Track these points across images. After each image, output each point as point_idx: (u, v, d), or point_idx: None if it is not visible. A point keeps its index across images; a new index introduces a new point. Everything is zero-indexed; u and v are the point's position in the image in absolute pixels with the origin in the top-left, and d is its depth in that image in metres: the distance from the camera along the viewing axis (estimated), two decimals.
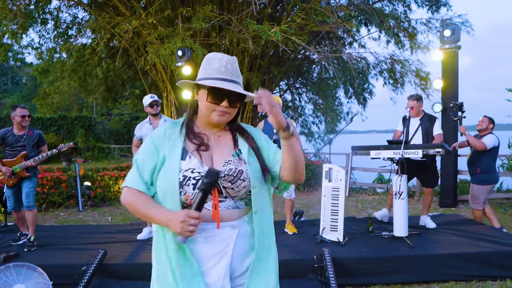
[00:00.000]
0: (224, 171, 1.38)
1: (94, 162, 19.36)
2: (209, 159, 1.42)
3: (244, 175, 1.40)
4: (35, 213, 4.43)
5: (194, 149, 1.42)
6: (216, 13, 9.06)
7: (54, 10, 11.92)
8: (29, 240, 4.27)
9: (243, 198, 1.41)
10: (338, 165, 4.53)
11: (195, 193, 1.32)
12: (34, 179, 4.44)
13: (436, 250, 3.80)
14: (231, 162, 1.42)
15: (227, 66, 1.42)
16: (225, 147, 1.47)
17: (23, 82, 41.75)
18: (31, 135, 4.43)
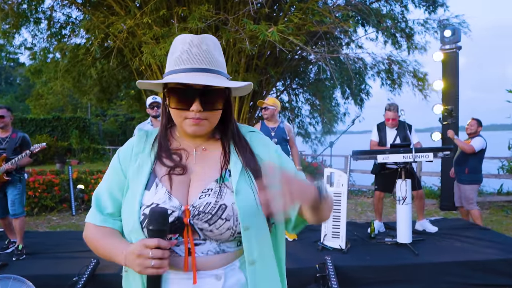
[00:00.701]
0: (198, 206, 0.98)
1: (88, 163, 19.15)
2: (183, 188, 1.01)
3: (228, 212, 0.97)
4: (23, 221, 4.25)
5: (165, 173, 1.03)
6: (213, 13, 8.92)
7: (47, 9, 11.73)
8: (17, 249, 4.09)
9: (230, 240, 1.00)
10: (336, 168, 4.41)
11: None
12: (19, 185, 4.22)
13: (441, 258, 3.67)
14: (211, 191, 1.00)
15: (190, 50, 0.99)
16: (210, 167, 1.05)
17: (17, 83, 41.39)
18: (14, 138, 4.21)
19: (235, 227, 0.97)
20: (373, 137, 4.88)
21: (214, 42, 1.05)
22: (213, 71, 1.00)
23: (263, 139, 1.15)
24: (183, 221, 0.96)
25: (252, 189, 1.01)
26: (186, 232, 0.96)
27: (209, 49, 1.01)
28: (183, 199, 0.99)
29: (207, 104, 1.00)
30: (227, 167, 1.05)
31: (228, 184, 1.01)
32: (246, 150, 1.08)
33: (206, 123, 1.02)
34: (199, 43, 1.00)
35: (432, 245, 4.06)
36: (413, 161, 3.81)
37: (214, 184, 1.01)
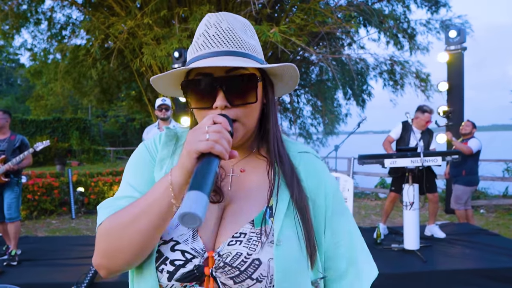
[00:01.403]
0: (225, 256, 0.74)
1: (89, 164, 19.08)
2: (212, 223, 0.78)
3: (261, 270, 0.72)
4: (18, 226, 4.18)
5: None
6: None
7: (48, 10, 11.66)
8: (10, 254, 4.01)
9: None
10: (339, 170, 4.31)
11: (171, 285, 0.74)
12: (16, 188, 4.16)
13: (451, 265, 3.56)
14: (243, 238, 0.75)
15: (207, 32, 0.78)
16: (248, 199, 0.80)
17: (17, 84, 41.35)
18: (13, 140, 4.18)
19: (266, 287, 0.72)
20: (392, 134, 4.72)
21: (240, 20, 0.82)
22: (238, 54, 0.76)
23: (315, 167, 0.85)
24: (203, 272, 0.73)
25: (298, 236, 0.76)
26: (206, 284, 0.74)
27: (230, 27, 0.78)
28: (209, 240, 0.76)
29: (235, 96, 0.75)
30: (270, 202, 0.79)
31: (267, 228, 0.75)
32: (294, 178, 0.80)
33: (238, 125, 0.77)
34: (218, 22, 0.78)
35: (440, 252, 3.95)
36: (421, 165, 3.70)
37: (249, 227, 0.75)
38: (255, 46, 0.81)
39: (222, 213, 0.79)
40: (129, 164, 0.87)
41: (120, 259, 0.73)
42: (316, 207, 0.81)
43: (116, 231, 0.72)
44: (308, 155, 0.87)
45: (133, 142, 26.62)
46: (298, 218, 0.77)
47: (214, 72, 0.76)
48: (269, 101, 0.83)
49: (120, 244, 0.72)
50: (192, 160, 0.66)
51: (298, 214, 0.77)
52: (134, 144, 25.87)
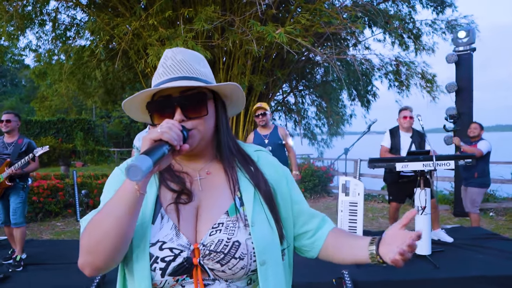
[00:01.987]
0: (208, 244, 0.88)
1: (93, 165, 19.08)
2: (190, 221, 0.91)
3: (241, 249, 0.88)
4: (24, 231, 4.13)
5: (170, 200, 0.93)
6: (219, 14, 8.77)
7: (52, 11, 11.64)
8: (15, 260, 3.95)
9: (241, 279, 0.91)
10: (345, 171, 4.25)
11: (164, 281, 0.87)
12: (22, 193, 4.10)
13: (464, 272, 3.48)
14: (222, 226, 0.90)
15: (165, 63, 0.95)
16: (218, 195, 0.95)
17: (22, 84, 41.48)
18: (20, 143, 4.13)
19: (249, 265, 0.89)
20: (384, 143, 4.66)
21: (194, 54, 1.00)
22: (190, 78, 0.94)
23: (271, 160, 1.07)
24: (192, 262, 0.87)
25: (267, 217, 0.94)
26: (195, 273, 0.87)
27: (185, 58, 0.96)
28: (191, 235, 0.90)
29: (190, 111, 0.92)
30: (237, 193, 0.95)
31: (241, 215, 0.92)
32: (254, 170, 0.99)
33: (194, 132, 0.92)
34: (174, 55, 0.96)
35: (452, 258, 3.87)
36: (434, 169, 3.62)
37: (224, 217, 0.91)
38: (206, 73, 0.98)
39: (197, 212, 0.93)
40: (106, 186, 1.00)
41: (101, 251, 0.82)
42: (280, 193, 1.00)
43: (94, 227, 0.83)
44: (262, 152, 1.07)
45: None
46: (264, 203, 0.94)
47: (172, 93, 0.92)
48: (220, 117, 0.99)
49: (99, 236, 0.81)
50: (147, 147, 0.80)
51: (264, 200, 0.95)
52: None
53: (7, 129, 4.10)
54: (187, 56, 0.96)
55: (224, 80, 10.56)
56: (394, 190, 4.58)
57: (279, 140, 4.35)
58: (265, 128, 4.41)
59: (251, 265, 0.88)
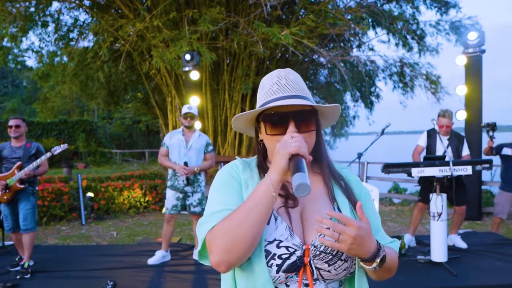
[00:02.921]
0: (319, 246, 0.96)
1: (95, 167, 19.00)
2: (299, 223, 1.01)
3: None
4: (33, 237, 4.03)
5: (281, 205, 1.01)
6: (224, 16, 8.70)
7: (55, 12, 11.59)
8: (22, 267, 3.87)
9: (336, 280, 1.00)
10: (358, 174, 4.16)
11: (278, 277, 0.95)
12: (32, 198, 4.02)
13: (484, 280, 3.40)
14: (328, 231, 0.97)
15: (280, 82, 1.05)
16: (318, 203, 1.04)
17: (23, 85, 41.42)
18: (29, 147, 4.08)
19: (350, 267, 0.98)
20: (420, 142, 4.55)
21: (299, 76, 1.10)
22: (302, 97, 1.04)
23: (356, 178, 1.17)
24: (303, 261, 0.96)
25: None
26: (303, 272, 0.96)
27: (296, 79, 1.07)
28: (301, 236, 0.99)
29: (301, 125, 1.01)
30: (334, 203, 1.05)
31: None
32: (345, 185, 1.10)
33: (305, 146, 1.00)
34: (287, 75, 1.07)
35: (469, 264, 3.79)
36: (450, 174, 3.55)
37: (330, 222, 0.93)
38: (309, 92, 1.09)
39: (301, 216, 1.02)
40: (217, 187, 1.07)
41: (239, 251, 0.89)
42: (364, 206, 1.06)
43: (232, 229, 0.90)
44: (347, 170, 1.18)
45: (139, 144, 26.55)
46: (355, 214, 1.00)
47: (286, 110, 1.02)
48: (320, 133, 1.10)
49: (238, 238, 0.89)
50: (285, 160, 0.90)
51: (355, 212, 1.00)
52: (140, 146, 25.79)
53: (16, 134, 4.05)
54: (297, 77, 1.08)
55: (228, 82, 10.51)
56: (425, 192, 4.39)
57: None
58: None
59: (352, 267, 0.98)
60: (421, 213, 4.54)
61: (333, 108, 1.09)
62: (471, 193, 6.74)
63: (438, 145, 4.39)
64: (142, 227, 6.62)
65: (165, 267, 3.97)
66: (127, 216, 7.48)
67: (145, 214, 7.72)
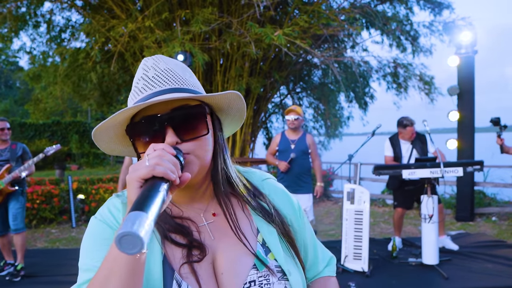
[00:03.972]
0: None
1: (89, 168, 18.86)
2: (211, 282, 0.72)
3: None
4: (24, 237, 4.04)
5: (182, 261, 0.72)
6: (216, 16, 8.65)
7: (47, 12, 11.48)
8: (15, 268, 3.85)
9: None
10: (344, 175, 4.16)
11: None
12: (21, 198, 4.01)
13: (475, 283, 3.38)
14: (254, 285, 0.73)
15: (146, 75, 0.75)
16: (235, 244, 0.76)
17: (16, 86, 41.13)
18: (14, 148, 4.05)
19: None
20: (387, 152, 4.54)
21: (178, 63, 0.80)
22: (180, 90, 0.74)
23: (282, 190, 0.90)
24: None
25: (295, 260, 0.80)
26: None
27: (168, 67, 0.76)
28: None
29: (184, 131, 0.72)
30: (258, 239, 0.78)
31: (271, 266, 0.75)
32: (268, 206, 0.82)
33: (193, 159, 0.72)
34: (155, 64, 0.76)
35: (460, 267, 3.77)
36: (441, 176, 3.52)
37: (254, 272, 0.73)
38: (196, 83, 0.80)
39: (213, 268, 0.73)
40: (86, 245, 0.74)
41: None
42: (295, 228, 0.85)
43: None
44: (270, 180, 0.90)
45: None
46: (287, 244, 0.80)
47: (159, 112, 0.71)
48: (217, 137, 0.80)
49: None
50: (136, 190, 0.60)
51: (286, 241, 0.80)
52: None
53: (6, 137, 4.03)
54: (171, 64, 0.77)
55: (221, 83, 10.45)
56: (400, 196, 4.43)
57: (305, 148, 4.21)
58: (294, 133, 4.26)
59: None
60: (402, 218, 4.54)
61: (230, 96, 0.78)
62: (464, 194, 6.75)
63: (403, 150, 4.39)
64: None
65: None
66: None
67: None
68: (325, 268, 0.94)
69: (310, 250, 0.90)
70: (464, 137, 6.59)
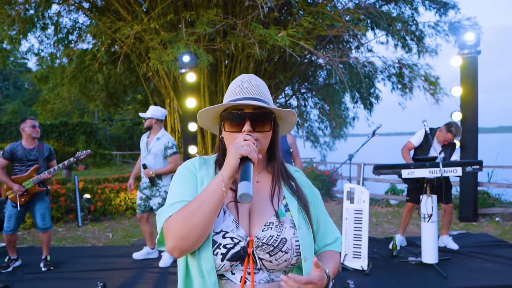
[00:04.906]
0: (262, 238, 1.06)
1: (95, 169, 19.04)
2: (246, 217, 1.11)
3: (287, 245, 1.07)
4: (50, 234, 4.27)
5: (231, 199, 1.12)
6: (221, 17, 8.72)
7: (54, 15, 11.63)
8: (45, 260, 4.13)
9: (280, 271, 1.10)
10: (348, 175, 4.19)
11: (222, 265, 1.04)
12: (47, 198, 4.21)
13: (473, 282, 3.41)
14: (272, 225, 1.09)
15: (242, 85, 1.15)
16: (267, 200, 1.14)
17: (24, 87, 41.56)
18: (42, 148, 4.18)
19: (291, 259, 1.07)
20: (413, 140, 4.48)
21: (262, 82, 1.20)
22: (261, 100, 1.13)
23: (307, 182, 1.27)
24: (247, 251, 1.05)
25: (306, 224, 1.13)
26: (247, 261, 1.05)
27: (258, 84, 1.16)
28: (247, 229, 1.08)
29: (256, 125, 1.10)
30: (282, 202, 1.15)
31: (285, 219, 1.11)
32: (297, 189, 1.19)
33: (257, 144, 1.07)
34: (249, 79, 1.17)
35: (460, 266, 3.79)
36: (440, 176, 3.55)
37: (274, 218, 1.10)
38: (270, 98, 1.19)
39: (249, 211, 1.12)
40: (177, 181, 1.17)
41: (191, 238, 0.99)
42: (313, 208, 1.20)
43: (186, 218, 0.99)
44: (300, 173, 1.29)
45: (139, 146, 26.56)
46: (304, 213, 1.14)
47: (244, 109, 1.12)
48: (276, 135, 1.19)
49: (191, 227, 0.98)
50: (236, 160, 0.99)
51: (303, 211, 1.14)
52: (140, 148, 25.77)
53: (38, 135, 4.16)
54: (259, 82, 1.17)
55: (226, 84, 10.53)
56: (414, 192, 4.38)
57: (287, 147, 4.27)
58: None
59: (293, 259, 1.07)
60: (410, 213, 4.55)
61: (289, 113, 1.17)
62: (467, 194, 6.74)
63: (432, 150, 4.36)
64: (138, 229, 6.63)
65: (153, 268, 3.99)
66: (123, 218, 7.49)
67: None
68: (332, 243, 1.24)
69: (322, 224, 1.22)
70: (467, 137, 6.59)
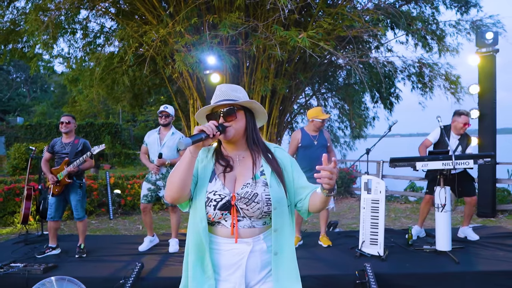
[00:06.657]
0: (240, 193, 1.55)
1: (120, 168, 19.65)
2: (231, 181, 1.59)
3: (258, 198, 1.54)
4: (86, 223, 4.61)
5: (221, 171, 1.61)
6: (243, 20, 9.01)
7: (83, 20, 12.17)
8: (79, 247, 4.46)
9: (260, 218, 1.56)
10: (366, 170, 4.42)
11: (215, 213, 1.54)
12: (79, 190, 4.50)
13: (484, 267, 3.61)
14: (248, 185, 1.57)
15: (216, 93, 1.67)
16: (247, 169, 1.62)
17: (51, 90, 42.92)
18: (76, 143, 4.53)
19: (262, 208, 1.53)
20: (430, 137, 4.68)
21: (232, 86, 1.70)
22: (228, 100, 1.63)
23: (283, 153, 1.72)
24: (231, 203, 1.54)
25: (278, 185, 1.58)
26: (233, 211, 1.53)
27: (227, 89, 1.68)
28: (231, 189, 1.58)
29: (227, 117, 1.60)
30: (259, 169, 1.62)
31: (259, 180, 1.58)
32: (273, 159, 1.65)
33: (230, 129, 1.59)
34: (220, 88, 1.70)
35: (472, 254, 3.99)
36: (453, 168, 3.76)
37: (251, 180, 1.58)
38: (240, 96, 1.66)
39: (235, 177, 1.60)
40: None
41: (174, 188, 1.50)
42: (287, 172, 1.65)
43: (170, 177, 1.52)
44: (280, 149, 1.73)
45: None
46: (276, 176, 1.59)
47: (219, 108, 1.62)
48: (249, 122, 1.66)
49: (172, 181, 1.51)
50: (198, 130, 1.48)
51: (276, 174, 1.60)
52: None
53: (66, 129, 4.51)
54: (229, 88, 1.68)
55: (248, 84, 10.83)
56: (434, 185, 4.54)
57: (325, 142, 4.62)
58: (314, 130, 4.64)
59: (264, 208, 1.53)
60: (428, 205, 4.74)
61: (249, 102, 1.65)
62: (485, 190, 6.85)
63: (450, 143, 4.53)
64: (166, 222, 7.01)
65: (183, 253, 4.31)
66: (152, 212, 7.88)
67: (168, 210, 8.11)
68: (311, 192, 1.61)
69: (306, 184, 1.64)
70: (485, 135, 6.71)
